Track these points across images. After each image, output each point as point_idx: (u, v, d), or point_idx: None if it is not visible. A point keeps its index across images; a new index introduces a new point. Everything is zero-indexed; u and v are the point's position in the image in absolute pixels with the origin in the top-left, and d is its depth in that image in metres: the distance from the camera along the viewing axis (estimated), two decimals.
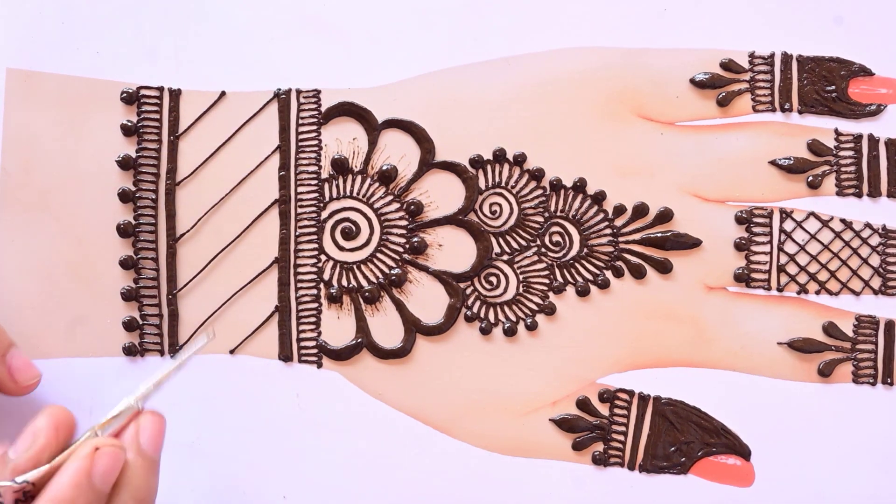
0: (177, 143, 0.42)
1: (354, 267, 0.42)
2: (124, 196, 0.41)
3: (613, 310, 0.42)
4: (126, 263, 0.41)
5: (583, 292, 0.42)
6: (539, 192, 0.42)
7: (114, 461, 0.30)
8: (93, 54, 0.42)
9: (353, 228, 0.42)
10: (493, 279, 0.42)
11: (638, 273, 0.42)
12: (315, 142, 0.42)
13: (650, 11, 0.42)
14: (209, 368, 0.41)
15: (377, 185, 0.42)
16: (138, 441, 0.32)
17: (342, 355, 0.41)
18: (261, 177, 0.42)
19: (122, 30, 0.42)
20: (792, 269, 0.42)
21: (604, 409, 0.41)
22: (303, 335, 0.42)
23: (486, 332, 0.42)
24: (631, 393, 0.42)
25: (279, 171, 0.42)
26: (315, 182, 0.42)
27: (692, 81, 0.42)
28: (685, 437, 0.41)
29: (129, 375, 0.41)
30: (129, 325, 0.41)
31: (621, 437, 0.41)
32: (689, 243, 0.42)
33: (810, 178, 0.42)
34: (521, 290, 0.42)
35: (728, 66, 0.42)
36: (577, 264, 0.42)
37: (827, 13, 0.42)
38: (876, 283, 0.42)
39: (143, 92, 0.42)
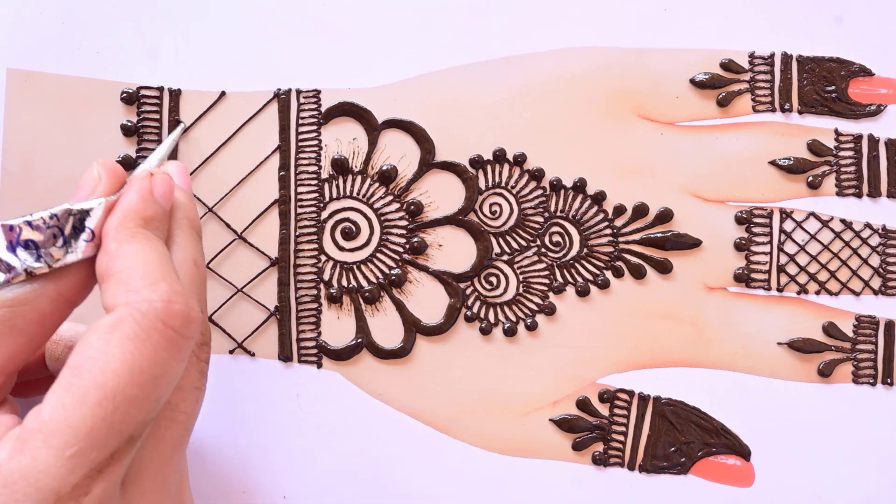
0: (177, 143, 0.42)
1: (354, 267, 0.42)
2: None
3: (613, 310, 0.42)
4: None
5: (583, 292, 0.42)
6: (539, 192, 0.42)
7: (168, 182, 0.34)
8: (93, 54, 0.42)
9: (353, 228, 0.42)
10: (493, 279, 0.42)
11: (638, 273, 0.42)
12: (315, 142, 0.42)
13: (650, 11, 0.42)
14: (209, 368, 0.41)
15: (377, 185, 0.42)
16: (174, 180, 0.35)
17: (342, 355, 0.41)
18: (261, 177, 0.42)
19: (122, 30, 0.42)
20: (792, 269, 0.42)
21: (604, 410, 0.41)
22: (303, 335, 0.42)
23: (486, 332, 0.42)
24: (631, 393, 0.42)
25: (279, 171, 0.42)
26: (315, 182, 0.42)
27: (692, 81, 0.42)
28: (685, 438, 0.41)
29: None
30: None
31: (621, 438, 0.41)
32: (689, 243, 0.42)
33: (810, 179, 0.42)
34: (521, 290, 0.42)
35: (728, 66, 0.42)
36: (577, 264, 0.42)
37: (827, 13, 0.42)
38: (876, 283, 0.42)
39: (143, 92, 0.42)
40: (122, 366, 0.28)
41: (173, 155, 0.42)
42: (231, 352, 0.42)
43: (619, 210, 0.42)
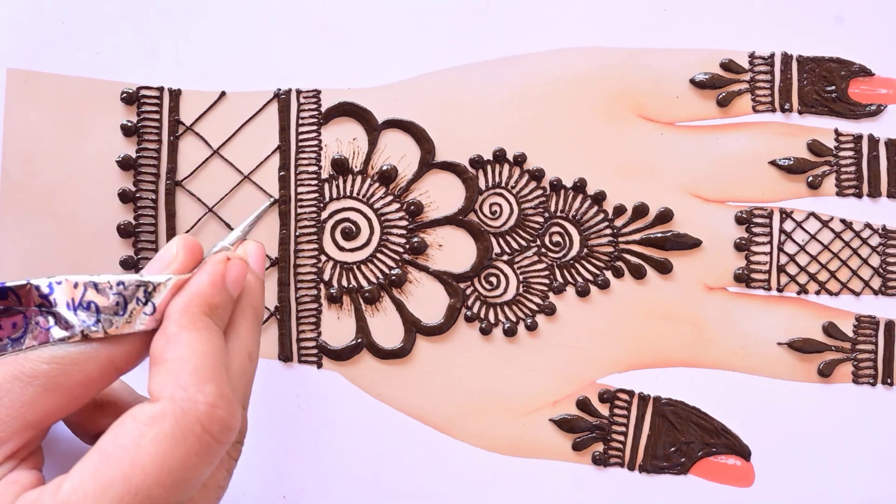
0: (177, 143, 0.42)
1: (354, 267, 0.42)
2: (124, 196, 0.41)
3: (613, 310, 0.42)
4: (127, 263, 0.41)
5: (583, 292, 0.42)
6: (539, 192, 0.42)
7: (242, 269, 0.33)
8: (93, 54, 0.42)
9: (353, 229, 0.42)
10: (493, 279, 0.42)
11: (638, 273, 0.42)
12: (315, 142, 0.42)
13: (650, 11, 0.42)
14: None
15: (377, 185, 0.42)
16: (249, 263, 0.35)
17: (342, 355, 0.41)
18: (261, 177, 0.42)
19: (122, 30, 0.42)
20: (792, 269, 0.42)
21: (604, 410, 0.41)
22: (303, 335, 0.42)
23: (486, 332, 0.42)
24: (631, 393, 0.42)
25: (279, 171, 0.42)
26: (315, 182, 0.42)
27: (692, 82, 0.42)
28: (685, 438, 0.41)
29: (130, 374, 0.41)
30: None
31: (621, 438, 0.41)
32: (689, 243, 0.42)
33: (810, 179, 0.42)
34: (521, 290, 0.42)
35: (728, 66, 0.42)
36: (577, 264, 0.42)
37: (827, 13, 0.42)
38: (876, 283, 0.42)
39: (143, 92, 0.42)
40: (151, 463, 0.27)
41: (173, 155, 0.42)
42: None
43: (619, 210, 0.42)
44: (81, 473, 0.27)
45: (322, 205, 0.42)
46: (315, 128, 0.42)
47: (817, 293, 0.42)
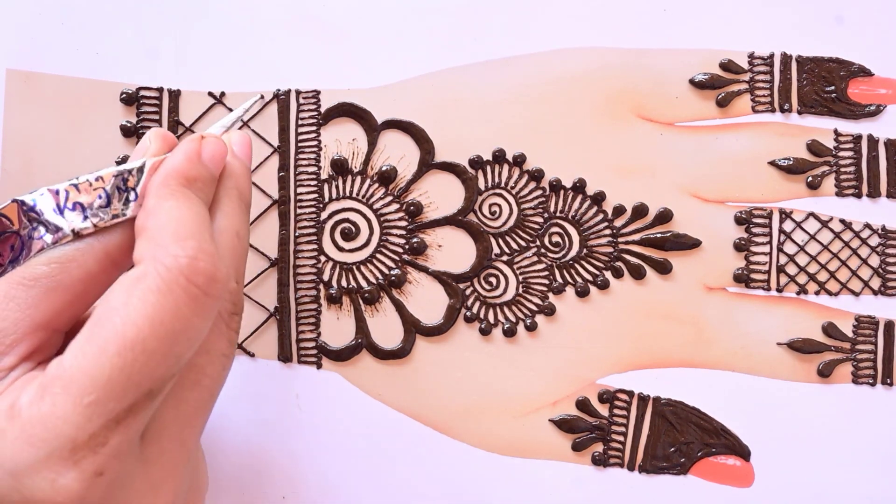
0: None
1: (354, 268, 0.42)
2: None
3: (613, 310, 0.42)
4: None
5: (582, 293, 0.42)
6: (538, 192, 0.42)
7: (218, 146, 0.33)
8: (92, 55, 0.42)
9: (353, 229, 0.42)
10: (493, 280, 0.42)
11: (637, 273, 0.42)
12: (314, 142, 0.42)
13: (650, 11, 0.42)
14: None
15: (377, 185, 0.42)
16: (232, 149, 0.35)
17: (342, 356, 0.42)
18: (260, 177, 0.42)
19: (122, 30, 0.42)
20: (791, 269, 0.42)
21: (603, 410, 0.42)
22: (302, 336, 0.42)
23: (485, 332, 0.42)
24: (630, 393, 0.42)
25: (278, 171, 0.42)
26: (314, 183, 0.42)
27: (692, 82, 0.42)
28: (685, 438, 0.41)
29: None
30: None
31: (621, 438, 0.41)
32: (688, 244, 0.42)
33: (810, 179, 0.42)
34: (520, 290, 0.42)
35: (727, 66, 0.42)
36: (576, 265, 0.42)
37: (827, 13, 0.42)
38: (875, 283, 0.42)
39: (142, 93, 0.42)
40: (142, 318, 0.28)
41: None
42: None
43: (619, 210, 0.42)
44: (79, 341, 0.28)
45: (321, 205, 0.42)
46: (314, 128, 0.42)
47: (817, 293, 0.42)
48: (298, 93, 0.42)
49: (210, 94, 0.42)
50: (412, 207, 0.42)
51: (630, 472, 0.41)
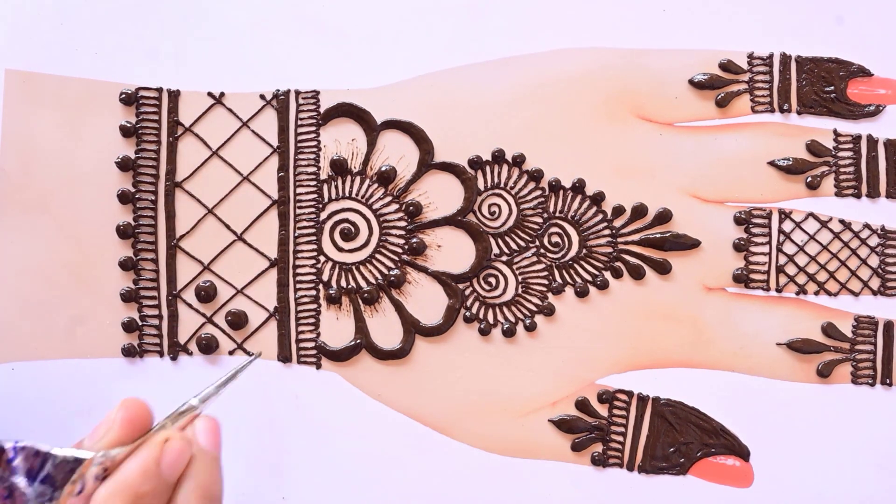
0: (176, 143, 0.42)
1: (353, 268, 0.42)
2: (124, 197, 0.41)
3: (612, 310, 0.42)
4: (125, 264, 0.41)
5: (582, 293, 0.42)
6: (538, 192, 0.42)
7: (181, 452, 0.31)
8: (92, 55, 0.42)
9: (352, 229, 0.42)
10: (492, 280, 0.42)
11: (637, 274, 0.42)
12: (314, 143, 0.42)
13: (649, 12, 0.42)
14: (209, 369, 0.41)
15: (376, 185, 0.42)
16: (198, 440, 0.33)
17: (341, 356, 0.41)
18: (260, 177, 0.42)
19: (121, 31, 0.42)
20: (791, 269, 0.42)
21: (603, 410, 0.41)
22: (302, 336, 0.42)
23: (485, 332, 0.42)
24: (630, 394, 0.42)
25: (278, 171, 0.42)
26: (314, 183, 0.42)
27: (691, 82, 0.42)
28: (684, 438, 0.41)
29: (128, 376, 0.41)
30: (129, 326, 0.41)
31: (620, 438, 0.41)
32: (687, 244, 0.42)
33: (809, 179, 0.42)
34: (520, 290, 0.42)
35: (727, 66, 0.42)
36: (575, 265, 0.42)
37: (827, 13, 0.42)
38: (875, 283, 0.42)
39: (141, 93, 0.42)
40: None
41: (172, 156, 0.42)
42: (231, 352, 0.42)
43: (618, 211, 0.42)
44: None
45: (321, 205, 0.42)
46: (314, 128, 0.42)
47: (816, 293, 0.42)
48: (298, 93, 0.42)
49: (209, 94, 0.42)
50: (411, 208, 0.42)
51: (629, 473, 0.41)
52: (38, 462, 0.30)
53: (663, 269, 0.42)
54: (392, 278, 0.42)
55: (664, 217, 0.42)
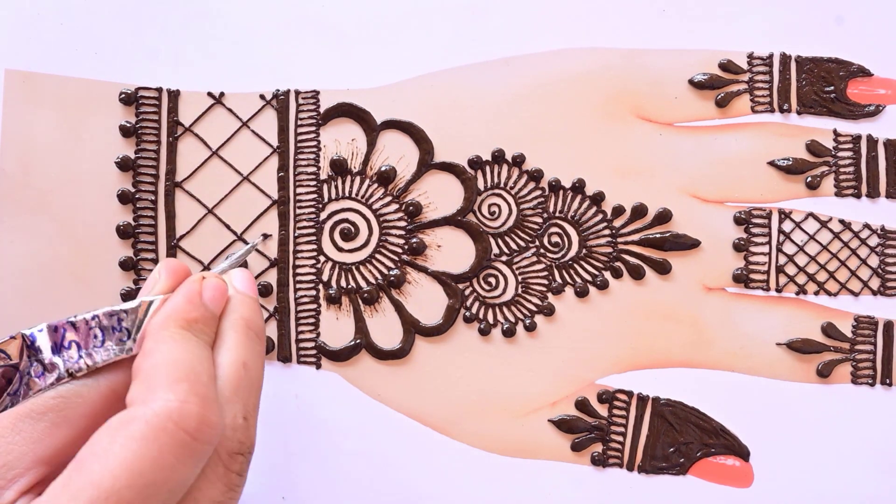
0: (176, 143, 0.42)
1: (353, 268, 0.42)
2: (123, 197, 0.41)
3: (612, 310, 0.42)
4: (126, 265, 0.41)
5: (582, 293, 0.42)
6: (538, 192, 0.42)
7: (218, 286, 0.34)
8: (91, 55, 0.42)
9: (352, 229, 0.42)
10: (492, 280, 0.42)
11: (637, 274, 0.42)
12: (314, 143, 0.42)
13: (649, 12, 0.42)
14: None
15: (376, 185, 0.42)
16: (234, 285, 0.35)
17: (341, 356, 0.42)
18: (260, 178, 0.42)
19: (120, 31, 0.42)
20: (791, 269, 0.42)
21: (602, 410, 0.42)
22: (301, 336, 0.42)
23: (484, 332, 0.42)
24: (630, 394, 0.42)
25: (278, 172, 0.42)
26: (314, 183, 0.42)
27: (691, 82, 0.42)
28: (684, 438, 0.41)
29: None
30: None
31: (620, 438, 0.41)
32: (687, 244, 0.42)
33: (809, 179, 0.42)
34: (519, 290, 0.42)
35: (727, 66, 0.42)
36: (575, 265, 0.42)
37: (827, 13, 0.42)
38: (875, 283, 0.42)
39: (141, 93, 0.42)
40: (120, 467, 0.27)
41: (172, 156, 0.42)
42: None
43: (618, 211, 0.42)
44: (56, 485, 0.27)
45: (321, 205, 0.42)
46: (314, 128, 0.42)
47: (816, 293, 0.42)
48: (298, 93, 0.42)
49: (209, 94, 0.42)
50: (411, 208, 0.42)
51: (629, 473, 0.41)
52: (59, 335, 0.31)
53: (663, 269, 0.42)
54: (392, 278, 0.42)
55: (664, 217, 0.42)
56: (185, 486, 0.28)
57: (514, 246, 0.42)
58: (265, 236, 0.41)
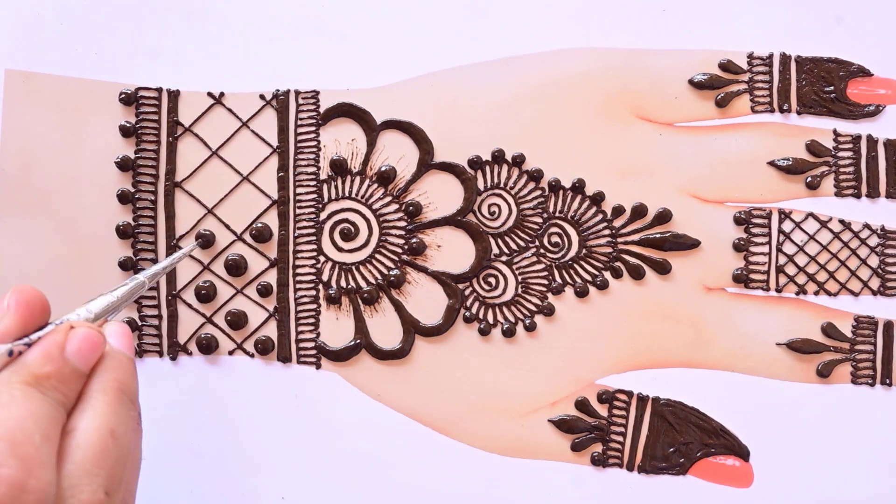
0: (175, 143, 0.42)
1: (353, 268, 0.42)
2: (123, 197, 0.41)
3: (612, 311, 0.42)
4: (125, 265, 0.41)
5: (581, 293, 0.42)
6: (538, 192, 0.42)
7: (87, 338, 0.30)
8: (91, 55, 0.42)
9: (352, 229, 0.42)
10: (492, 280, 0.42)
11: (636, 274, 0.42)
12: (314, 143, 0.42)
13: (649, 12, 0.42)
14: (208, 369, 0.41)
15: (376, 186, 0.42)
16: (110, 342, 0.31)
17: (341, 356, 0.41)
18: (259, 178, 0.42)
19: (120, 31, 0.42)
20: (790, 269, 0.42)
21: (602, 410, 0.41)
22: (301, 336, 0.42)
23: (484, 332, 0.42)
24: (630, 394, 0.42)
25: (278, 172, 0.42)
26: (314, 183, 0.42)
27: (691, 82, 0.42)
28: (684, 438, 0.41)
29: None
30: (129, 326, 0.41)
31: (620, 438, 0.41)
32: (687, 244, 0.42)
33: (809, 179, 0.42)
34: (519, 290, 0.42)
35: (726, 66, 0.42)
36: (575, 265, 0.42)
37: (827, 13, 0.42)
38: (874, 283, 0.42)
39: (141, 93, 0.42)
40: None
41: (172, 156, 0.42)
42: (231, 352, 0.42)
43: (618, 211, 0.42)
44: None
45: (321, 206, 0.42)
46: (314, 129, 0.42)
47: (816, 293, 0.42)
48: (298, 93, 0.42)
49: (209, 94, 0.42)
50: (411, 208, 0.42)
51: (629, 473, 0.41)
52: None
53: (663, 269, 0.42)
54: (392, 278, 0.42)
55: (664, 217, 0.42)
56: None
57: (514, 246, 0.42)
58: (200, 244, 0.40)
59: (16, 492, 0.25)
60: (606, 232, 0.42)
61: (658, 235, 0.42)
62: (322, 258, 0.42)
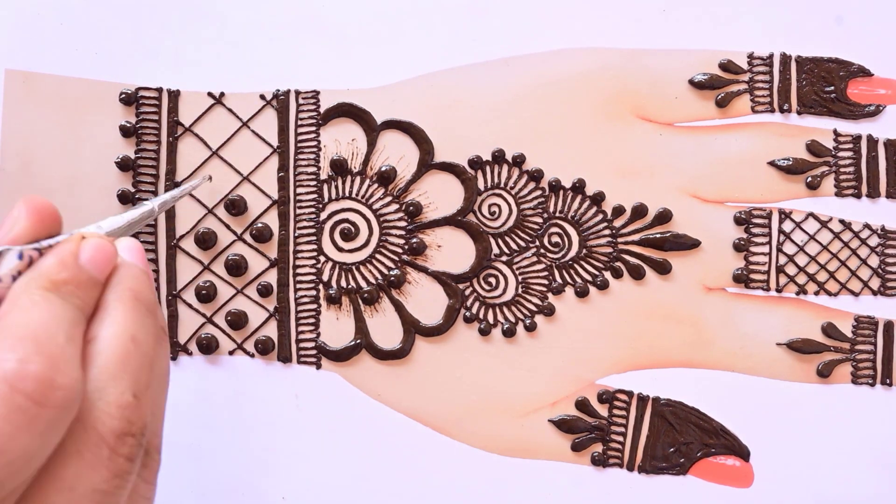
0: (176, 143, 0.42)
1: (353, 268, 0.42)
2: (123, 197, 0.41)
3: (612, 311, 0.42)
4: None
5: (582, 293, 0.42)
6: (538, 192, 0.42)
7: (100, 247, 0.30)
8: (91, 55, 0.42)
9: (352, 229, 0.42)
10: (492, 280, 0.42)
11: (637, 274, 0.42)
12: (314, 143, 0.42)
13: (649, 12, 0.42)
14: (208, 369, 0.41)
15: (376, 186, 0.42)
16: (122, 255, 0.31)
17: (341, 356, 0.41)
18: (260, 178, 0.42)
19: (121, 31, 0.42)
20: (791, 269, 0.42)
21: (603, 410, 0.42)
22: (302, 336, 0.42)
23: (485, 332, 0.42)
24: (630, 394, 0.42)
25: (278, 172, 0.42)
26: (314, 183, 0.42)
27: (691, 82, 0.42)
28: (684, 438, 0.41)
29: None
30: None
31: (620, 438, 0.41)
32: (687, 244, 0.42)
33: (809, 179, 0.42)
34: (520, 290, 0.42)
35: (727, 66, 0.42)
36: (576, 265, 0.42)
37: (827, 13, 0.42)
38: (875, 283, 0.42)
39: (141, 93, 0.42)
40: None
41: (172, 156, 0.42)
42: (231, 352, 0.42)
43: (618, 211, 0.42)
44: None
45: (321, 206, 0.42)
46: (314, 129, 0.42)
47: (816, 294, 0.42)
48: (298, 93, 0.42)
49: (209, 94, 0.42)
50: (411, 208, 0.42)
51: (629, 473, 0.41)
52: None
53: (663, 269, 0.42)
54: (392, 278, 0.42)
55: (664, 217, 0.42)
56: (29, 460, 0.25)
57: (514, 246, 0.42)
58: (210, 179, 0.40)
59: (44, 388, 0.25)
60: (607, 232, 0.42)
61: (658, 235, 0.42)
62: (322, 258, 0.42)
